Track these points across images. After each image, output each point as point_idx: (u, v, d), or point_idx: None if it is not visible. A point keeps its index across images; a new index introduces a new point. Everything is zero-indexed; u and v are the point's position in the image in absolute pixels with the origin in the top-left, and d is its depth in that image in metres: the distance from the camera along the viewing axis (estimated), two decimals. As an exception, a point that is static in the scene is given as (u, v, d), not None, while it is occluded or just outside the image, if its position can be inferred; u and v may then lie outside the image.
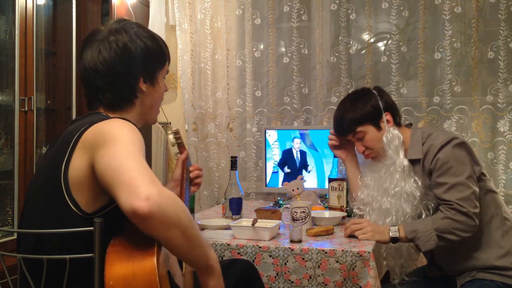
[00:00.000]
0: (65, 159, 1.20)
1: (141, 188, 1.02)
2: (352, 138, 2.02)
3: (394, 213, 1.89)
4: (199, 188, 1.85)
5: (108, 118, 1.28)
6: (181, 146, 1.72)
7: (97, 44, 1.36)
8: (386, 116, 1.96)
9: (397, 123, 2.01)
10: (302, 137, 2.73)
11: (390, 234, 1.82)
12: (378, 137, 1.95)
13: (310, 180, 2.68)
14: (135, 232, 1.09)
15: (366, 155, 2.01)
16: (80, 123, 1.28)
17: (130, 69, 1.37)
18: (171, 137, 1.66)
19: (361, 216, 2.01)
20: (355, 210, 2.04)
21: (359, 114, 1.96)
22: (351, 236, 1.89)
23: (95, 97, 1.38)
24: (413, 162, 1.92)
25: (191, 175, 1.78)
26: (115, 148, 1.12)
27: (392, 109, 2.00)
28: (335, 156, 2.33)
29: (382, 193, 1.92)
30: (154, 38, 1.45)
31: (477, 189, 1.81)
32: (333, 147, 2.17)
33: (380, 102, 1.97)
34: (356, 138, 2.00)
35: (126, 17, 1.58)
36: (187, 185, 1.70)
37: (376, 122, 1.96)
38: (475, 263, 1.84)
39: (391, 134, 1.93)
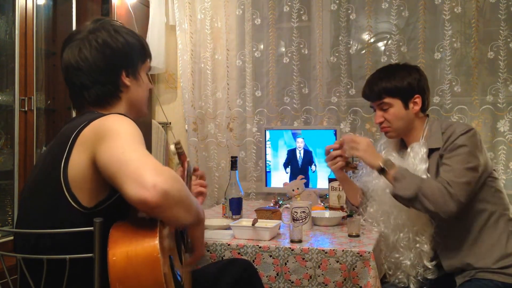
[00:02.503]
0: (64, 157, 1.21)
1: (146, 177, 1.03)
2: (376, 106, 2.01)
3: (411, 228, 1.89)
4: (204, 199, 1.80)
5: (104, 115, 1.28)
6: (182, 155, 1.73)
7: (76, 43, 1.38)
8: (416, 99, 1.96)
9: (424, 110, 2.00)
10: (294, 136, 2.73)
11: (381, 165, 1.87)
12: (402, 115, 1.96)
13: (312, 180, 2.69)
14: (137, 215, 1.12)
15: (382, 127, 2.01)
16: (77, 121, 1.28)
17: (112, 64, 1.38)
18: (172, 147, 1.68)
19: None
20: (363, 221, 2.02)
21: (393, 85, 1.95)
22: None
23: (80, 95, 1.39)
24: (430, 151, 1.92)
25: (193, 186, 1.76)
26: (116, 141, 1.14)
27: (424, 94, 1.99)
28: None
29: (399, 208, 1.91)
30: (134, 33, 1.46)
31: (472, 183, 1.79)
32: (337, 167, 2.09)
33: (417, 82, 1.97)
34: (379, 107, 2.00)
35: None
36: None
37: (405, 100, 1.96)
38: (478, 263, 1.84)
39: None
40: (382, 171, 1.88)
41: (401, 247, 1.90)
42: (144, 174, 1.04)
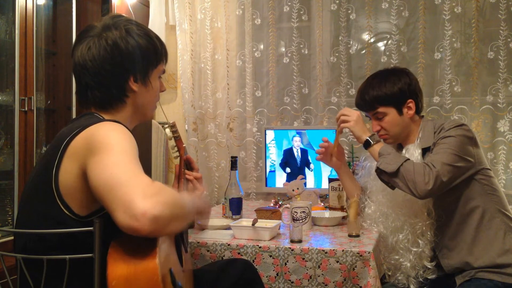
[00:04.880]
0: (55, 164, 1.19)
1: (135, 204, 0.99)
2: (371, 116, 2.02)
3: (409, 229, 1.89)
4: (197, 184, 1.72)
5: (100, 120, 1.26)
6: (178, 139, 1.69)
7: (88, 40, 1.33)
8: (409, 104, 1.96)
9: (418, 112, 2.00)
10: (300, 136, 2.73)
11: (368, 139, 1.91)
12: (398, 122, 1.96)
13: (312, 178, 2.69)
14: None
15: (380, 135, 2.00)
16: (73, 125, 1.26)
17: (119, 68, 1.33)
18: (167, 130, 1.64)
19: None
20: (362, 223, 2.02)
21: (384, 93, 1.95)
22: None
23: (84, 94, 1.36)
24: (424, 151, 1.92)
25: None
26: (106, 158, 1.09)
27: (417, 97, 1.99)
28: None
29: (397, 210, 1.91)
30: (148, 36, 1.40)
31: (457, 167, 1.78)
32: (324, 160, 2.16)
33: (408, 87, 1.96)
34: (375, 117, 2.00)
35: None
36: (184, 184, 1.68)
37: (399, 106, 1.96)
38: (477, 262, 1.84)
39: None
40: (367, 144, 1.91)
41: (400, 248, 1.90)
42: (133, 200, 0.99)
